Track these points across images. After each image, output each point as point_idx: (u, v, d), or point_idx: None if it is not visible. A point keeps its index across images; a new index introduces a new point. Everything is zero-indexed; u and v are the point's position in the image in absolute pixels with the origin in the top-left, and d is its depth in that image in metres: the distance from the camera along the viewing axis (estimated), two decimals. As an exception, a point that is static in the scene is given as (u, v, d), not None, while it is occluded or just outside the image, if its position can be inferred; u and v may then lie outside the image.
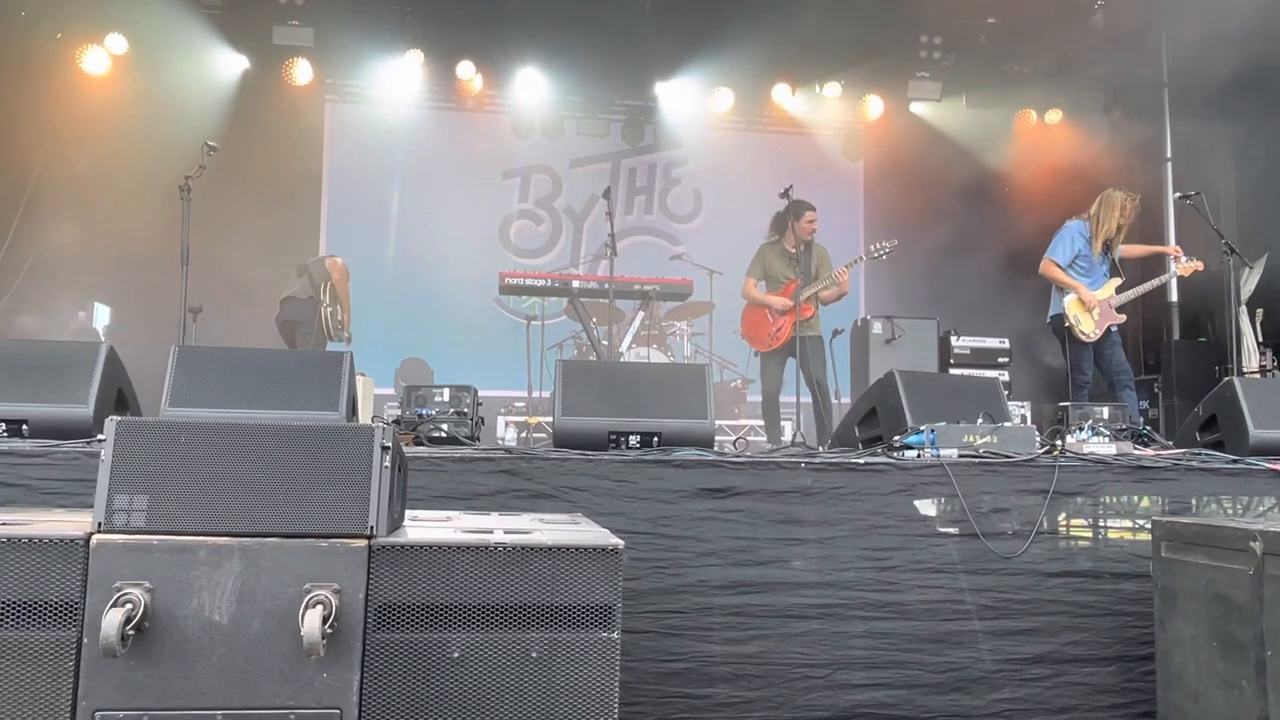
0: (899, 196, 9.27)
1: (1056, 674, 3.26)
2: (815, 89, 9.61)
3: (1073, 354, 6.09)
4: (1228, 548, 2.67)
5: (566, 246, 10.00)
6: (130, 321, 7.93)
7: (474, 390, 3.89)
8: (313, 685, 1.86)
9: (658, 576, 3.11)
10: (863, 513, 3.27)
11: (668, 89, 9.50)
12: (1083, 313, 6.05)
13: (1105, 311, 6.08)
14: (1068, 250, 6.13)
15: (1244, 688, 2.58)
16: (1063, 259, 6.12)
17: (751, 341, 6.96)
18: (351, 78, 9.37)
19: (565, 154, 9.97)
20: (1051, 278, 6.18)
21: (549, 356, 7.97)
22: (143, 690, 1.83)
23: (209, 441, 1.97)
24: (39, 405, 3.30)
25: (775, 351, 6.71)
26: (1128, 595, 3.33)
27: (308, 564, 1.90)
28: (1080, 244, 6.14)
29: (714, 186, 9.98)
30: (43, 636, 1.84)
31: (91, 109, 8.17)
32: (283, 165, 8.78)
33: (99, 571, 1.86)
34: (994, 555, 3.29)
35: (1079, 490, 3.43)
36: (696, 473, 3.24)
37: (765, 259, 6.84)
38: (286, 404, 3.30)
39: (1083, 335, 6.03)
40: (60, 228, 7.74)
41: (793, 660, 3.13)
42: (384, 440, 2.02)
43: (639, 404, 3.57)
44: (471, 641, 1.94)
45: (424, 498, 3.00)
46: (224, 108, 8.51)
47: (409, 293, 9.18)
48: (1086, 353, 6.11)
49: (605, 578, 1.99)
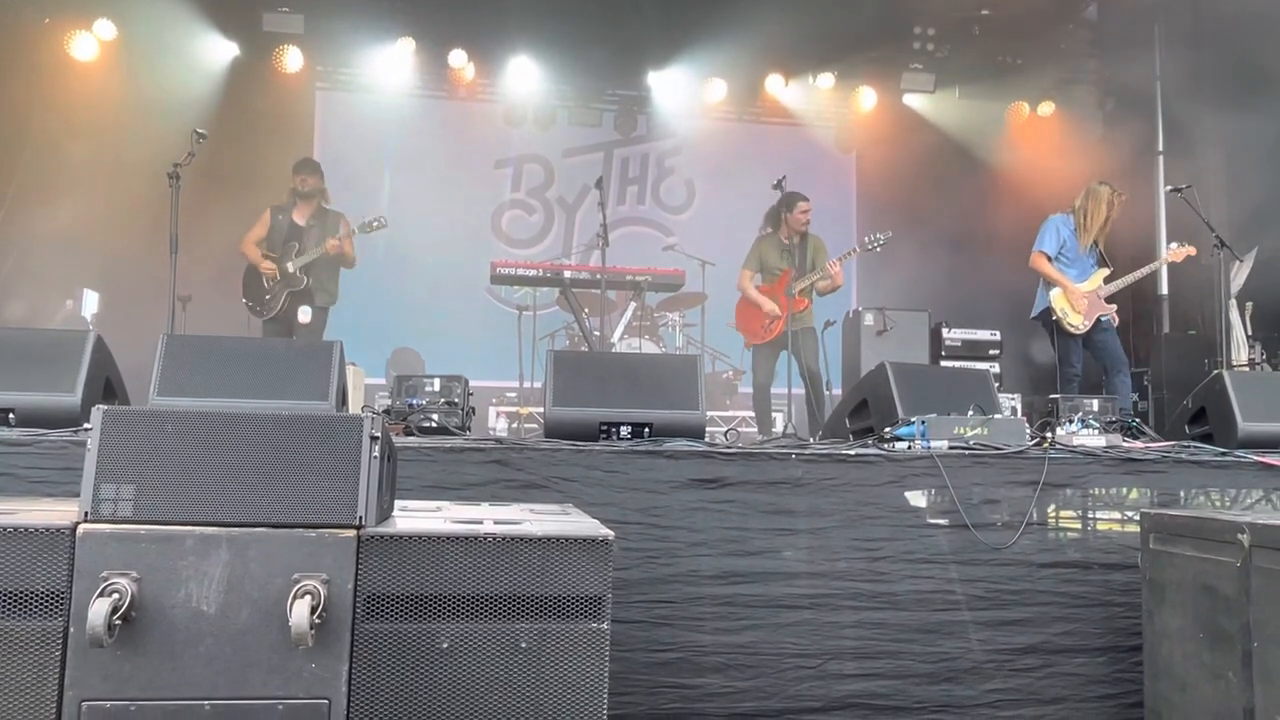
0: (892, 188, 9.27)
1: (1047, 664, 3.28)
2: (809, 80, 9.60)
3: (1061, 347, 6.10)
4: (1216, 540, 2.68)
5: (558, 237, 9.98)
6: (119, 310, 7.88)
7: (465, 380, 3.88)
8: (301, 675, 1.85)
9: (649, 567, 3.11)
10: (854, 504, 3.28)
11: (661, 79, 9.47)
12: (1069, 306, 6.05)
13: (1094, 302, 6.08)
14: (1054, 241, 6.13)
15: (1230, 679, 2.59)
16: (1051, 249, 6.12)
17: (744, 334, 6.99)
18: (342, 65, 9.32)
19: (557, 144, 9.94)
20: (1040, 271, 6.19)
21: (540, 347, 7.96)
22: (129, 680, 1.82)
23: (197, 431, 1.95)
24: (26, 394, 3.27)
25: (767, 344, 6.75)
26: (1118, 586, 3.34)
27: (296, 554, 1.89)
28: (1065, 234, 6.15)
29: (707, 177, 9.96)
30: (29, 626, 1.83)
31: (80, 95, 8.10)
32: (273, 153, 8.71)
33: (85, 561, 1.84)
34: (984, 546, 3.30)
35: (1068, 482, 3.44)
36: (688, 463, 3.24)
37: (761, 251, 6.88)
38: (276, 393, 3.28)
39: (1071, 328, 6.04)
40: (48, 215, 7.68)
41: (784, 650, 3.14)
42: (373, 430, 2.01)
43: (630, 395, 3.57)
44: (461, 632, 1.94)
45: (414, 488, 2.99)
46: (214, 95, 8.45)
47: (400, 282, 9.14)
48: (1075, 345, 6.11)
49: (595, 568, 1.99)
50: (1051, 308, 6.09)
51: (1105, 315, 6.11)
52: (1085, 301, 6.04)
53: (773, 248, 6.84)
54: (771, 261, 6.79)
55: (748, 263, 6.93)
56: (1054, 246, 6.13)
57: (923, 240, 9.12)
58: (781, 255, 6.73)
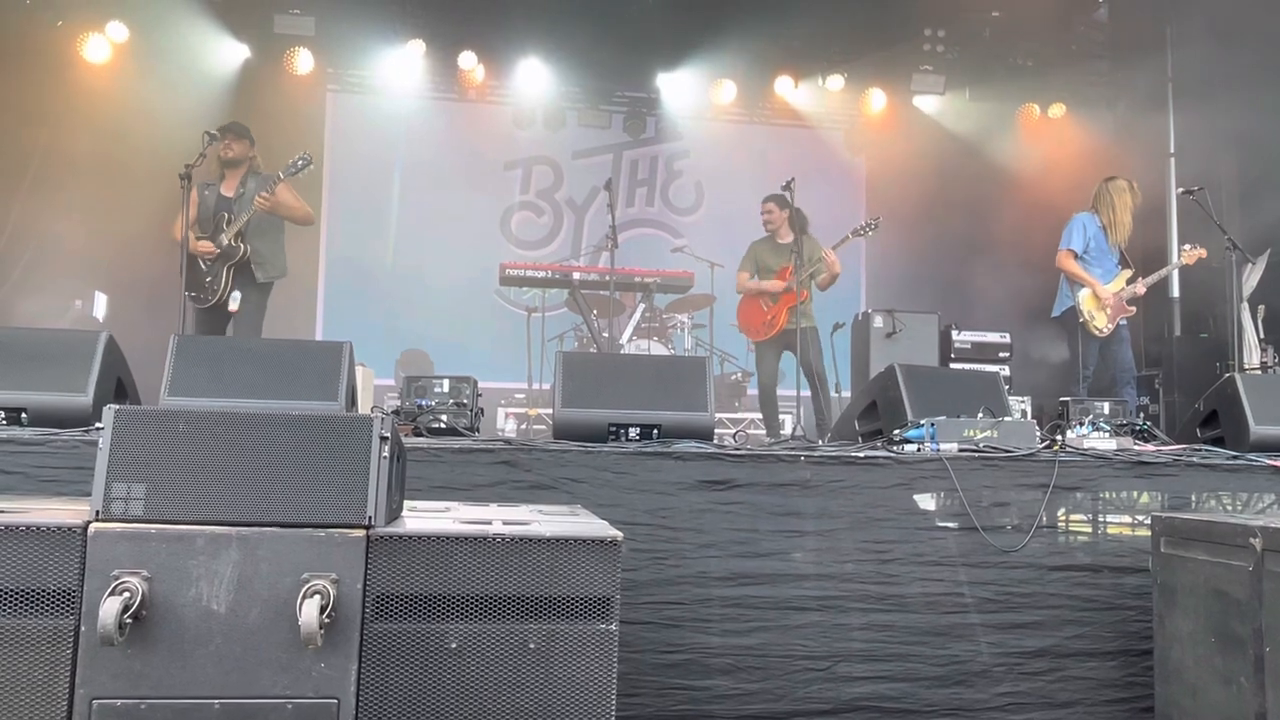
0: (901, 190, 9.24)
1: (1058, 668, 3.26)
2: (818, 82, 9.57)
3: (1084, 348, 6.04)
4: (1227, 544, 2.67)
5: (567, 238, 9.98)
6: (130, 310, 7.91)
7: (474, 381, 3.89)
8: (310, 675, 1.86)
9: (657, 568, 3.11)
10: (862, 506, 3.27)
11: (670, 81, 9.47)
12: (1097, 308, 5.98)
13: (1117, 305, 6.02)
14: (1080, 239, 6.04)
15: (1242, 684, 2.57)
16: (1079, 247, 6.03)
17: (746, 331, 6.96)
18: (353, 67, 9.34)
19: (567, 145, 9.95)
20: (1067, 270, 6.10)
21: (549, 348, 7.96)
22: (140, 679, 1.83)
23: (207, 430, 1.96)
24: (38, 393, 3.29)
25: (770, 341, 6.71)
26: (1129, 590, 3.32)
27: (306, 554, 1.90)
28: (1092, 231, 6.07)
29: (716, 179, 9.95)
30: (40, 624, 1.84)
31: (92, 97, 8.14)
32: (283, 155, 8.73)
33: (97, 560, 1.85)
34: (994, 549, 3.29)
35: (1079, 485, 3.42)
36: (696, 465, 3.24)
37: (756, 253, 6.88)
38: (286, 394, 3.30)
39: (1096, 331, 5.98)
40: (60, 216, 7.72)
41: (793, 652, 3.13)
42: (383, 430, 2.01)
43: (639, 396, 3.57)
44: (469, 632, 1.94)
45: (423, 488, 3.00)
46: (225, 96, 8.47)
47: (409, 284, 9.17)
48: (1095, 346, 6.06)
49: (604, 569, 1.99)
50: (1078, 308, 6.00)
51: (1124, 319, 6.07)
52: (1111, 304, 5.98)
53: (767, 248, 6.84)
54: (768, 262, 6.78)
55: (743, 265, 6.94)
56: (1081, 244, 6.03)
57: (932, 242, 9.10)
58: (778, 256, 6.72)
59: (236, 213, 5.77)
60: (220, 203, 5.84)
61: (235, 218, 5.75)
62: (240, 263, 5.75)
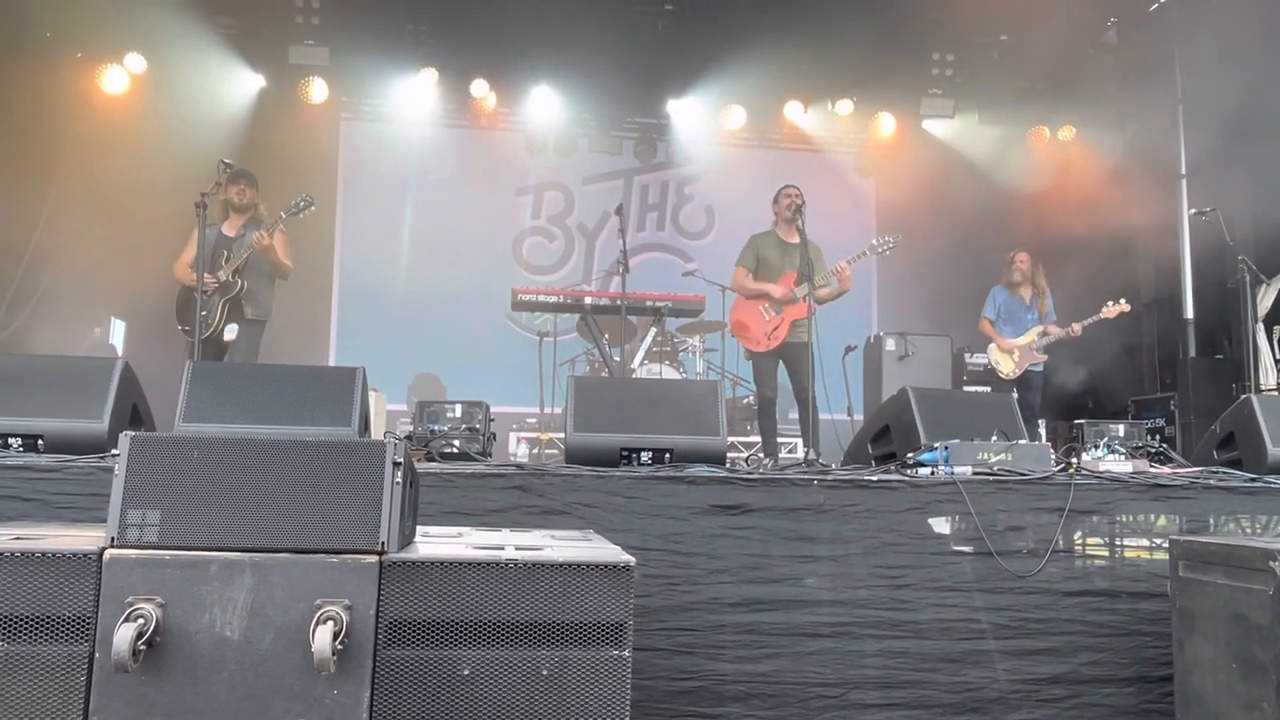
0: (911, 213, 9.24)
1: (1074, 694, 3.22)
2: (827, 106, 9.62)
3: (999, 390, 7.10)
4: (1247, 567, 2.64)
5: (579, 263, 10.03)
6: (147, 337, 7.98)
7: (486, 406, 3.90)
8: (323, 702, 1.85)
9: (670, 594, 3.10)
10: (876, 530, 3.25)
11: (680, 106, 9.54)
12: (1002, 356, 7.20)
13: (1025, 354, 7.12)
14: (992, 308, 7.35)
15: (1265, 710, 2.54)
16: (991, 315, 7.32)
17: (744, 340, 6.49)
18: (367, 96, 9.46)
19: (578, 171, 10.02)
20: (982, 331, 7.36)
21: (561, 372, 7.98)
22: (154, 705, 1.83)
23: (222, 457, 1.97)
24: (54, 420, 3.32)
25: (769, 354, 6.27)
26: (1146, 615, 3.29)
27: (319, 580, 1.90)
28: (1002, 300, 7.32)
29: (726, 203, 9.99)
30: (55, 651, 1.85)
31: (110, 127, 8.26)
32: (297, 183, 8.81)
33: (111, 586, 1.86)
34: (1009, 574, 3.26)
35: (1095, 508, 3.40)
36: (708, 489, 3.23)
37: (757, 247, 6.45)
38: (299, 419, 3.31)
39: (1003, 375, 7.15)
40: (78, 244, 7.81)
41: (806, 679, 3.10)
42: (395, 456, 2.02)
43: (651, 420, 3.56)
44: (482, 659, 1.93)
45: (435, 513, 3.00)
46: (240, 126, 8.60)
47: (422, 309, 9.22)
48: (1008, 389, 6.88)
49: (617, 595, 1.98)
50: (988, 358, 7.37)
51: (1036, 365, 7.12)
52: (1018, 352, 7.14)
53: (771, 244, 6.42)
54: (771, 259, 6.36)
55: (742, 259, 6.45)
56: (993, 312, 7.34)
57: (944, 265, 9.09)
58: (783, 255, 6.32)
59: (235, 250, 6.05)
60: (220, 240, 6.10)
61: (234, 255, 6.03)
62: (235, 298, 6.02)
